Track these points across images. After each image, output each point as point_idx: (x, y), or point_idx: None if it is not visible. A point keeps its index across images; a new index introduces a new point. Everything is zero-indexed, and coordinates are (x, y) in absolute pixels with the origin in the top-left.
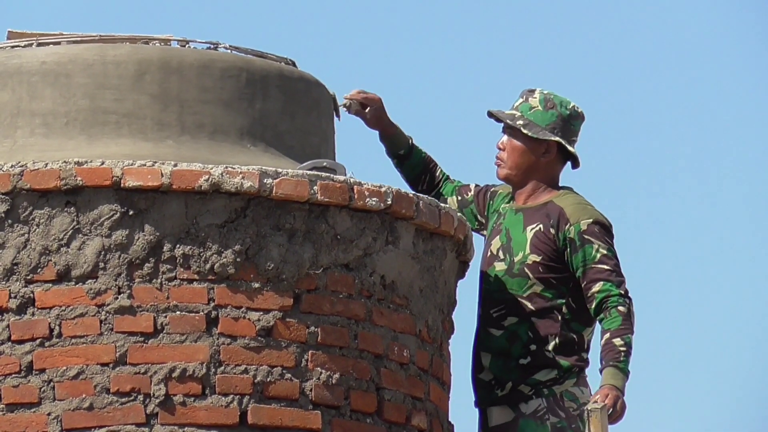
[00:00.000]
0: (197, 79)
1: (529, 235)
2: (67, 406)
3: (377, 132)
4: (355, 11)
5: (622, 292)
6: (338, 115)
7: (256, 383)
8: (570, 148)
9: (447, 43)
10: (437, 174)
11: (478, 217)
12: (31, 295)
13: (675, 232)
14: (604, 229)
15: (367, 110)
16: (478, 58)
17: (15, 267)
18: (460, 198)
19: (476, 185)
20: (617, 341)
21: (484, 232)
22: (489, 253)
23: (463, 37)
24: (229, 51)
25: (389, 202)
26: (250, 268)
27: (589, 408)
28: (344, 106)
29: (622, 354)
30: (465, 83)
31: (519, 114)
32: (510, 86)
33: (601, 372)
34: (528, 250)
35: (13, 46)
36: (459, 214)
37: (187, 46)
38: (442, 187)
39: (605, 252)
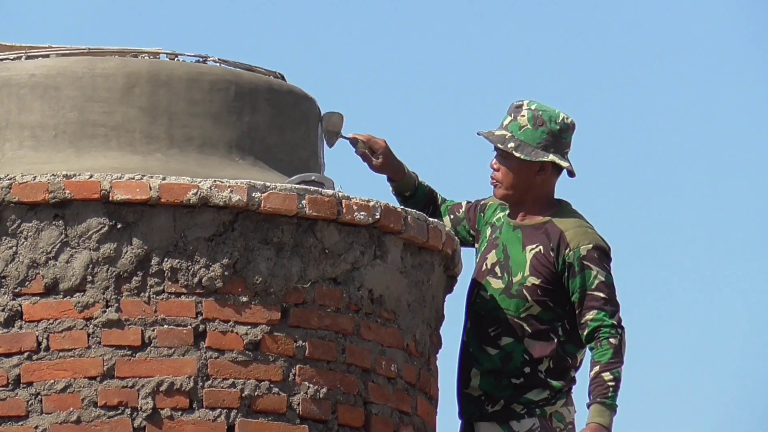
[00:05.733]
0: (186, 92)
1: (529, 255)
2: (55, 419)
3: (385, 175)
4: (345, 24)
5: (615, 323)
6: (329, 143)
7: (243, 397)
8: (563, 163)
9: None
10: (438, 202)
11: (471, 232)
12: (19, 308)
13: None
14: (603, 255)
15: (375, 157)
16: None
17: (3, 280)
18: (452, 216)
19: (467, 202)
20: (606, 375)
21: (478, 246)
22: (484, 267)
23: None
24: (217, 64)
25: (377, 216)
26: (238, 281)
27: None
28: (351, 141)
29: (611, 389)
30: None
31: (509, 134)
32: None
33: (588, 407)
34: (527, 272)
35: (1, 59)
36: (447, 228)
37: (176, 59)
38: (440, 210)
39: (602, 279)
